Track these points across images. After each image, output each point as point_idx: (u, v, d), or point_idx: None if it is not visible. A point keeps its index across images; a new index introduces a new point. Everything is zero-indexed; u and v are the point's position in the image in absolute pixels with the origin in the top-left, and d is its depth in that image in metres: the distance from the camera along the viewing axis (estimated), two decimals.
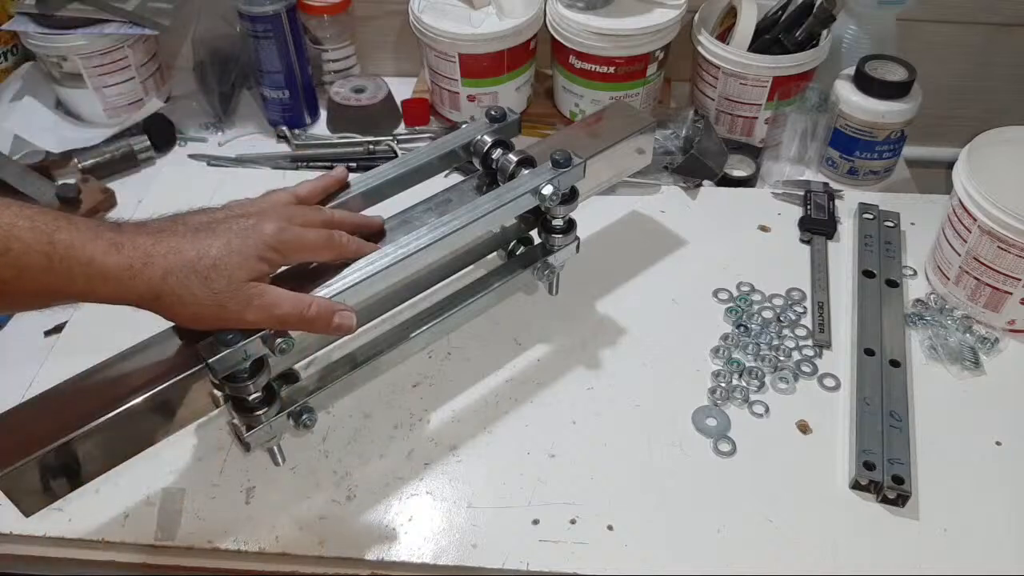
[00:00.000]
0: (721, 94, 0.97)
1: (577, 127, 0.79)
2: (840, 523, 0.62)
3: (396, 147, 0.99)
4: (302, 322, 0.53)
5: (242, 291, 0.51)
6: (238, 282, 0.51)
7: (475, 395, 0.71)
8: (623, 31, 0.93)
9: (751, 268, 0.82)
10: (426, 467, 0.66)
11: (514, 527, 0.62)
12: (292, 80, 1.00)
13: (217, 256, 0.50)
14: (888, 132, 0.90)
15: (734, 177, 0.94)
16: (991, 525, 0.62)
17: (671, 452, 0.66)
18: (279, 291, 0.53)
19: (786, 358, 0.73)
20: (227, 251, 0.51)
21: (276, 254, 0.53)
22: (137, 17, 0.97)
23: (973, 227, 0.73)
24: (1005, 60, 1.08)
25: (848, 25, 0.97)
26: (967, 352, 0.73)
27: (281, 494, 0.64)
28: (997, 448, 0.67)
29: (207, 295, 0.50)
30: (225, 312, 0.51)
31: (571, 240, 0.71)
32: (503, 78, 0.99)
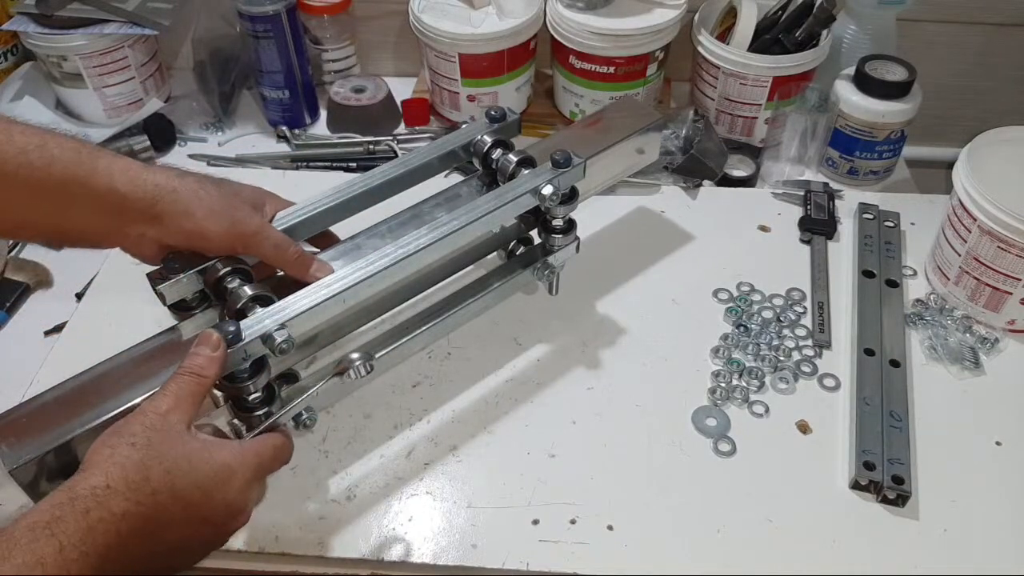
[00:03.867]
0: (721, 94, 0.97)
1: (577, 127, 0.79)
2: (840, 523, 0.62)
3: (396, 147, 0.99)
4: (289, 256, 0.59)
5: (247, 207, 0.57)
6: (243, 202, 0.57)
7: (475, 395, 0.71)
8: (623, 31, 0.93)
9: (751, 268, 0.82)
10: (426, 467, 0.66)
11: (514, 527, 0.62)
12: (292, 80, 1.00)
13: (222, 179, 0.59)
14: (888, 132, 0.90)
15: (734, 177, 0.94)
16: (991, 525, 0.62)
17: (671, 452, 0.66)
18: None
19: (786, 358, 0.73)
20: (229, 181, 0.59)
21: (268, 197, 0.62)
22: (137, 17, 0.97)
23: (973, 227, 0.73)
24: (1005, 60, 1.08)
25: (848, 25, 0.97)
26: (967, 352, 0.73)
27: (281, 494, 0.64)
28: (997, 448, 0.67)
29: (220, 196, 0.56)
30: (235, 214, 0.56)
31: (571, 240, 0.71)
32: (503, 78, 0.99)
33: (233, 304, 0.57)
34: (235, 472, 0.48)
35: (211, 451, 0.47)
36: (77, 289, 0.82)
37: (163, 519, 0.44)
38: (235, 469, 0.48)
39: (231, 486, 0.47)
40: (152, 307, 0.60)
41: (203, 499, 0.46)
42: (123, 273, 0.81)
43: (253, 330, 0.53)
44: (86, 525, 0.40)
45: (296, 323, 0.54)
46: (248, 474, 0.49)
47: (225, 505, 0.47)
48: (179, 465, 0.45)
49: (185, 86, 1.10)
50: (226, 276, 0.58)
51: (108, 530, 0.41)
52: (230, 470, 0.47)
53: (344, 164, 0.98)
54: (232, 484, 0.47)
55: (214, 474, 0.46)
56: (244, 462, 0.49)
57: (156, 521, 0.43)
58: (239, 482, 0.48)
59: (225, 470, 0.47)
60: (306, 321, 0.55)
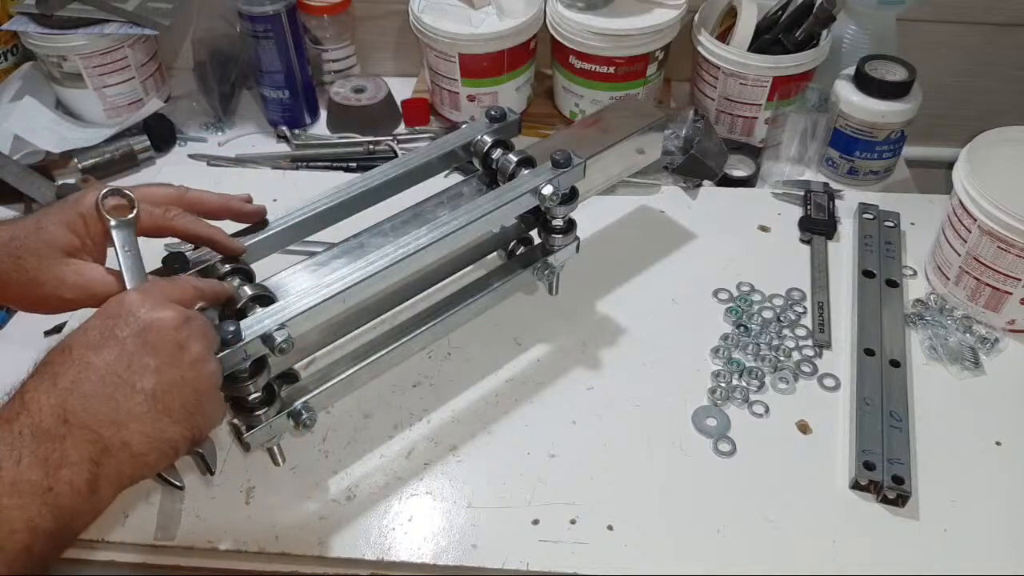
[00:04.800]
0: (721, 94, 0.97)
1: (577, 127, 0.79)
2: (840, 523, 0.62)
3: (396, 147, 0.99)
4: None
5: (56, 267, 0.52)
6: (50, 258, 0.51)
7: (475, 395, 0.71)
8: (623, 31, 0.93)
9: (751, 268, 0.82)
10: (426, 467, 0.66)
11: (514, 527, 0.62)
12: (292, 80, 1.00)
13: (27, 235, 0.51)
14: (888, 132, 0.90)
15: (734, 177, 0.94)
16: (991, 525, 0.62)
17: (671, 452, 0.66)
18: (97, 267, 0.53)
19: (786, 358, 0.73)
20: (37, 228, 0.52)
21: (89, 218, 0.53)
22: (137, 17, 0.97)
23: (973, 227, 0.73)
24: (1005, 60, 1.08)
25: (848, 25, 0.97)
26: (967, 352, 0.73)
27: (281, 494, 0.64)
28: (997, 448, 0.67)
29: (20, 273, 0.51)
30: (42, 290, 0.52)
31: (571, 240, 0.71)
32: (503, 78, 0.99)
33: (233, 304, 0.57)
34: (115, 300, 0.47)
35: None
36: None
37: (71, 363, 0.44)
38: (114, 303, 0.47)
39: (120, 305, 0.46)
40: None
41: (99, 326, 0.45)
42: None
43: (253, 330, 0.53)
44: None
45: (296, 323, 0.54)
46: (135, 295, 0.47)
47: (120, 315, 0.46)
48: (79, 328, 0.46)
49: (185, 86, 1.10)
50: (226, 276, 0.58)
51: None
52: (111, 306, 0.47)
53: (344, 164, 0.98)
54: (126, 301, 0.46)
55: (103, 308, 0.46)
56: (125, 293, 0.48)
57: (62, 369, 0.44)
58: (129, 298, 0.47)
59: (111, 303, 0.47)
60: (306, 321, 0.55)
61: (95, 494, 0.43)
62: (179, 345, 0.46)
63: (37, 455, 0.41)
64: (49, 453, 0.41)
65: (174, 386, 0.46)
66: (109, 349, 0.45)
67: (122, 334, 0.45)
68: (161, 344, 0.46)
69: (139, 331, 0.45)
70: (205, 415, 0.49)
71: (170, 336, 0.46)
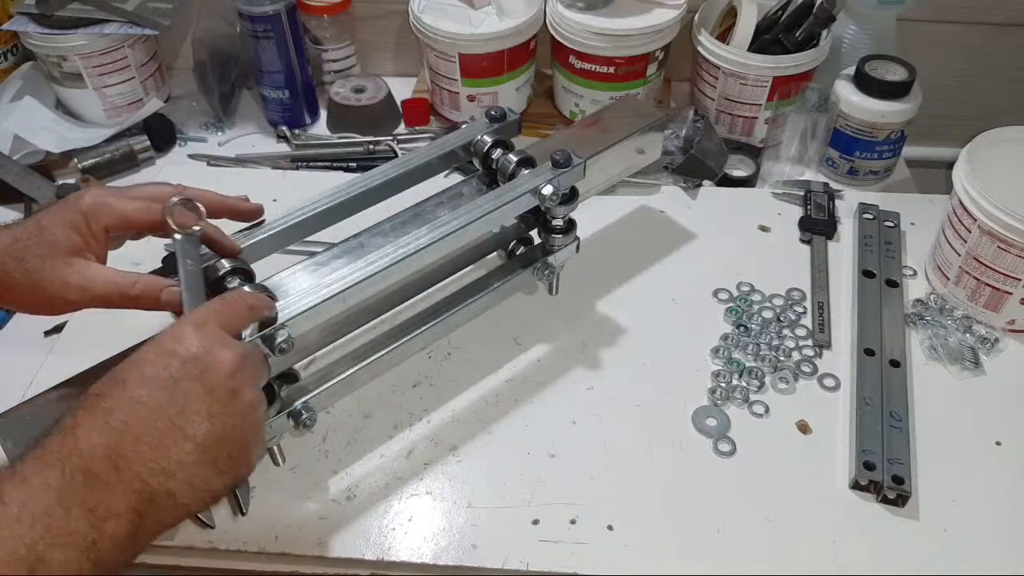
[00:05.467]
0: (721, 94, 0.97)
1: (577, 127, 0.79)
2: (840, 523, 0.62)
3: (396, 147, 0.99)
4: (127, 300, 0.53)
5: (59, 268, 0.51)
6: (54, 259, 0.51)
7: (475, 395, 0.71)
8: (623, 31, 0.93)
9: (751, 268, 0.82)
10: (426, 467, 0.66)
11: (514, 527, 0.62)
12: (292, 80, 1.00)
13: (30, 236, 0.52)
14: (888, 132, 0.90)
15: (734, 177, 0.94)
16: (991, 525, 0.62)
17: (671, 452, 0.66)
18: (105, 270, 0.53)
19: (786, 358, 0.73)
20: (40, 230, 0.52)
21: (92, 218, 0.53)
22: (137, 17, 0.97)
23: (973, 227, 0.73)
24: (1005, 60, 1.08)
25: (848, 25, 0.97)
26: (967, 352, 0.73)
27: (281, 494, 0.64)
28: (997, 448, 0.67)
29: (24, 275, 0.51)
30: (45, 292, 0.52)
31: (571, 240, 0.71)
32: (503, 78, 0.99)
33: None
34: (171, 335, 0.45)
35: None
36: None
37: (124, 404, 0.42)
38: (169, 333, 0.45)
39: (178, 339, 0.44)
40: None
41: (156, 364, 0.43)
42: None
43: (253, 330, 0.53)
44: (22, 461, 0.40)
45: (296, 323, 0.54)
46: (188, 325, 0.45)
47: (178, 357, 0.44)
48: (132, 360, 0.44)
49: (185, 86, 1.10)
50: (226, 276, 0.58)
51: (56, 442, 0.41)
52: (162, 341, 0.45)
53: (344, 164, 0.98)
54: (178, 339, 0.44)
55: (152, 343, 0.45)
56: (177, 324, 0.46)
57: (116, 409, 0.42)
58: (183, 331, 0.45)
59: (158, 344, 0.44)
60: (306, 321, 0.55)
61: (133, 546, 0.41)
62: (234, 392, 0.45)
63: (86, 505, 0.39)
64: (98, 503, 0.40)
65: (224, 435, 0.44)
66: (163, 390, 0.43)
67: (177, 374, 0.43)
68: (216, 389, 0.44)
69: (196, 374, 0.44)
70: (248, 463, 0.47)
71: (226, 382, 0.44)
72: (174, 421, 0.42)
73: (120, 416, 0.42)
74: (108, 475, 0.40)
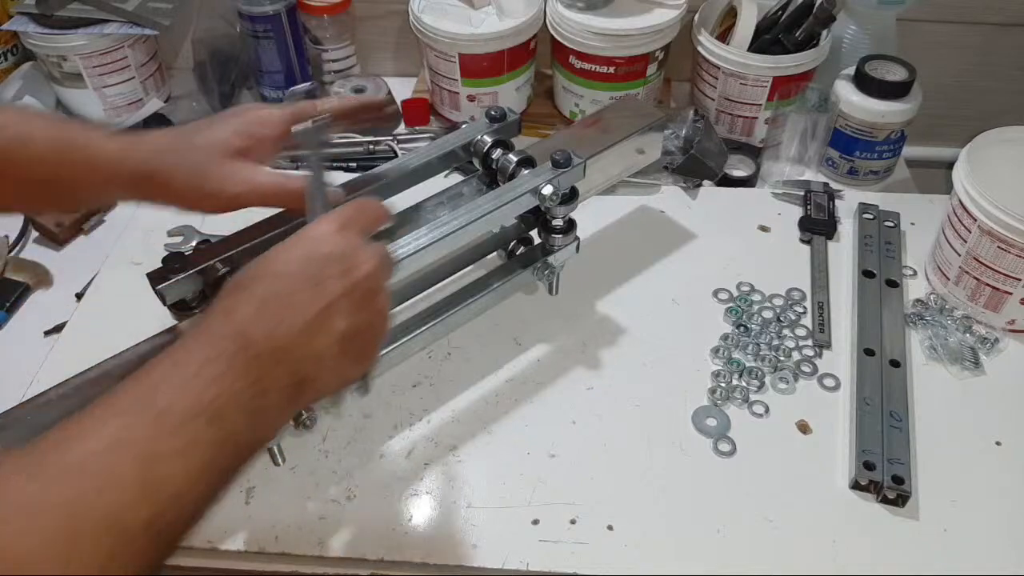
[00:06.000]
0: (721, 94, 0.97)
1: (577, 127, 0.79)
2: (840, 523, 0.62)
3: (396, 147, 0.99)
4: (286, 195, 0.56)
5: (224, 165, 0.55)
6: (218, 155, 0.55)
7: (475, 395, 0.71)
8: (623, 31, 0.93)
9: (751, 268, 0.82)
10: (426, 467, 0.66)
11: (514, 527, 0.62)
12: (292, 80, 1.00)
13: (195, 133, 0.55)
14: (888, 132, 0.90)
15: (734, 177, 0.94)
16: (991, 525, 0.62)
17: (671, 452, 0.66)
18: (264, 169, 0.57)
19: (786, 358, 0.73)
20: (206, 130, 0.56)
21: (253, 126, 0.57)
22: (137, 17, 0.97)
23: (973, 227, 0.73)
24: (1005, 60, 1.08)
25: (848, 25, 0.97)
26: (967, 352, 0.73)
27: (281, 494, 0.64)
28: (997, 448, 0.67)
29: (189, 166, 0.54)
30: (207, 184, 0.55)
31: (571, 240, 0.71)
32: (503, 78, 0.99)
33: None
34: (314, 236, 0.47)
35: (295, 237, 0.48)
36: (77, 289, 0.82)
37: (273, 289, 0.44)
38: (313, 235, 0.47)
39: (320, 241, 0.46)
40: (152, 307, 0.60)
41: (304, 262, 0.45)
42: (123, 273, 0.81)
43: None
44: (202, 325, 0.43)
45: None
46: (331, 225, 0.47)
47: (325, 256, 0.46)
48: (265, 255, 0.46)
49: (185, 86, 1.10)
50: (226, 276, 0.58)
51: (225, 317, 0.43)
52: (310, 237, 0.47)
53: (344, 164, 0.98)
54: (320, 240, 0.46)
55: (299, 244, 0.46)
56: (320, 222, 0.48)
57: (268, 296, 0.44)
58: (326, 230, 0.47)
59: (306, 240, 0.47)
60: None
61: (278, 426, 0.45)
62: (372, 292, 0.47)
63: (250, 377, 0.42)
64: (260, 377, 0.42)
65: (361, 330, 0.46)
66: (310, 287, 0.45)
67: (321, 273, 0.45)
68: (356, 289, 0.46)
69: (340, 272, 0.45)
70: (375, 356, 0.50)
71: (365, 283, 0.46)
72: (320, 315, 0.45)
73: (274, 306, 0.44)
74: (267, 355, 0.43)
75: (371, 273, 0.47)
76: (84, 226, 0.88)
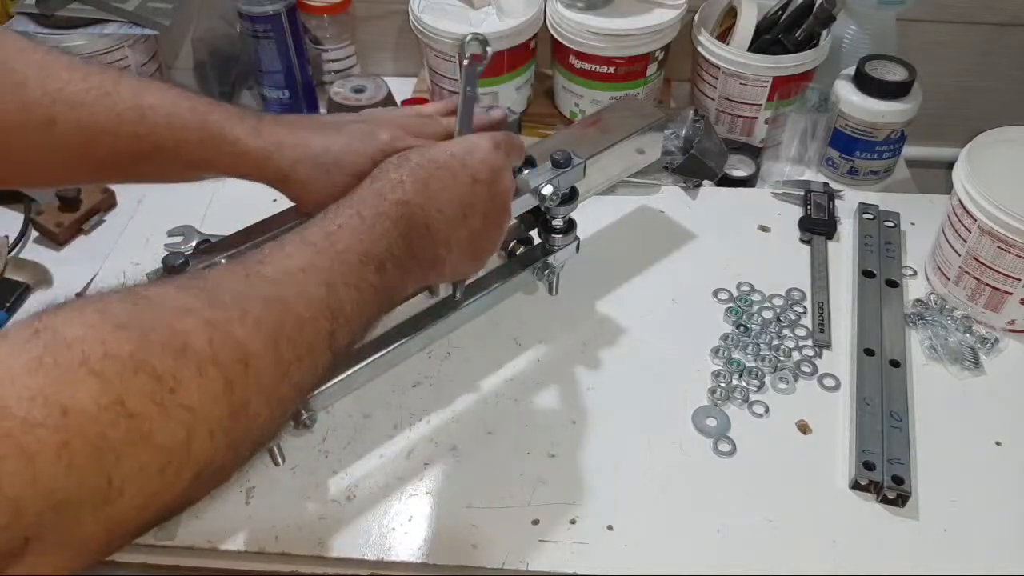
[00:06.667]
0: (721, 94, 0.97)
1: (577, 127, 0.79)
2: (840, 523, 0.62)
3: None
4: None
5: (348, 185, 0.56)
6: (357, 178, 0.55)
7: (475, 395, 0.71)
8: (623, 31, 0.93)
9: (751, 268, 0.82)
10: (426, 467, 0.66)
11: (514, 527, 0.61)
12: (292, 80, 1.00)
13: (338, 152, 0.56)
14: (888, 132, 0.90)
15: (734, 177, 0.94)
16: (991, 525, 0.62)
17: (671, 452, 0.66)
18: None
19: (786, 358, 0.73)
20: (348, 149, 0.56)
21: (392, 151, 0.57)
22: (137, 17, 0.97)
23: (973, 227, 0.73)
24: (1005, 60, 1.08)
25: (848, 25, 0.97)
26: (967, 352, 0.73)
27: (281, 494, 0.64)
28: (997, 448, 0.67)
29: (328, 186, 0.55)
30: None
31: (571, 240, 0.71)
32: (503, 78, 0.99)
33: None
34: (475, 143, 0.56)
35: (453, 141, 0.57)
36: (77, 289, 0.82)
37: (435, 179, 0.53)
38: (475, 141, 0.56)
39: (479, 149, 0.55)
40: None
41: (459, 165, 0.54)
42: (123, 273, 0.81)
43: None
44: (372, 189, 0.52)
45: None
46: (488, 141, 0.56)
47: (481, 161, 0.54)
48: (429, 147, 0.55)
49: None
50: None
51: (392, 188, 0.51)
52: (471, 142, 0.56)
53: None
54: (478, 151, 0.55)
55: (461, 145, 0.56)
56: (481, 136, 0.57)
57: (429, 181, 0.52)
58: (485, 143, 0.55)
59: (468, 143, 0.56)
60: None
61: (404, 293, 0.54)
62: (504, 207, 0.57)
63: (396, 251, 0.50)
64: (412, 250, 0.51)
65: (488, 234, 0.56)
66: (467, 184, 0.54)
67: (478, 174, 0.54)
68: (496, 199, 0.55)
69: (489, 179, 0.55)
70: (485, 262, 0.59)
71: (503, 196, 0.56)
72: (463, 210, 0.54)
73: (435, 188, 0.52)
74: (423, 228, 0.52)
75: (508, 188, 0.56)
76: (84, 226, 0.88)
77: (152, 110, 0.52)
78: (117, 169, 0.56)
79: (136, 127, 0.52)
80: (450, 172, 0.53)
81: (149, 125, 0.52)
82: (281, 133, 0.55)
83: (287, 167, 0.55)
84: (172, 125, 0.52)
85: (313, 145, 0.55)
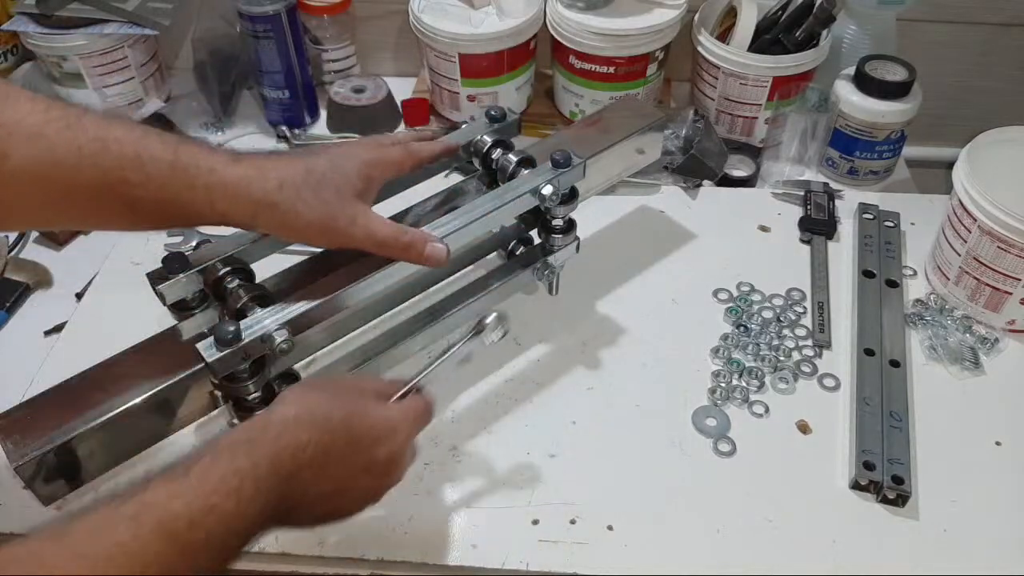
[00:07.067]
0: (721, 94, 0.97)
1: (577, 127, 0.79)
2: (840, 523, 0.62)
3: None
4: (398, 247, 0.57)
5: (350, 206, 0.55)
6: (346, 196, 0.54)
7: (475, 395, 0.71)
8: (623, 31, 0.93)
9: (751, 268, 0.82)
10: (426, 467, 0.66)
11: (514, 527, 0.62)
12: (292, 80, 1.00)
13: (324, 170, 0.54)
14: (888, 132, 0.90)
15: (734, 177, 0.94)
16: (991, 525, 0.62)
17: (671, 452, 0.66)
18: (380, 216, 0.57)
19: (786, 358, 0.73)
20: (332, 167, 0.55)
21: (374, 169, 0.57)
22: (137, 17, 0.97)
23: (973, 227, 0.73)
24: (1005, 60, 1.08)
25: (848, 25, 0.97)
26: (967, 352, 0.73)
27: None
28: (997, 448, 0.67)
29: (319, 204, 0.53)
30: (335, 224, 0.54)
31: (571, 240, 0.71)
32: (503, 78, 0.99)
33: (233, 304, 0.57)
34: (398, 430, 0.52)
35: (383, 408, 0.52)
36: (77, 289, 0.82)
37: (334, 455, 0.48)
38: (398, 427, 0.52)
39: (394, 440, 0.52)
40: (152, 307, 0.60)
41: (370, 446, 0.50)
42: (123, 273, 0.81)
43: (252, 330, 0.53)
44: (275, 449, 0.46)
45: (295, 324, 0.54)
46: (408, 431, 0.53)
47: (387, 457, 0.51)
48: (357, 412, 0.50)
49: (185, 86, 1.10)
50: (226, 276, 0.58)
51: (292, 455, 0.46)
52: (395, 426, 0.52)
53: None
54: (395, 439, 0.52)
55: (383, 427, 0.51)
56: (406, 419, 0.53)
57: (328, 455, 0.48)
58: (401, 438, 0.52)
59: (390, 425, 0.52)
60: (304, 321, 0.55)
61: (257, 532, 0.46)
62: (398, 478, 0.54)
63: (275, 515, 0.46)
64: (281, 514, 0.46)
65: (376, 492, 0.53)
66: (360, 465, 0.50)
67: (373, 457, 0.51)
68: (390, 470, 0.53)
69: (385, 460, 0.51)
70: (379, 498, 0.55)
71: (398, 470, 0.53)
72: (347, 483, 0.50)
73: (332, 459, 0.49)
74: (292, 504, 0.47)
75: (405, 466, 0.54)
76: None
77: (119, 143, 0.49)
78: (76, 209, 0.51)
79: (98, 159, 0.49)
80: (354, 449, 0.50)
81: (114, 158, 0.49)
82: (259, 160, 0.53)
83: (273, 189, 0.52)
84: (140, 156, 0.49)
85: (297, 166, 0.53)
